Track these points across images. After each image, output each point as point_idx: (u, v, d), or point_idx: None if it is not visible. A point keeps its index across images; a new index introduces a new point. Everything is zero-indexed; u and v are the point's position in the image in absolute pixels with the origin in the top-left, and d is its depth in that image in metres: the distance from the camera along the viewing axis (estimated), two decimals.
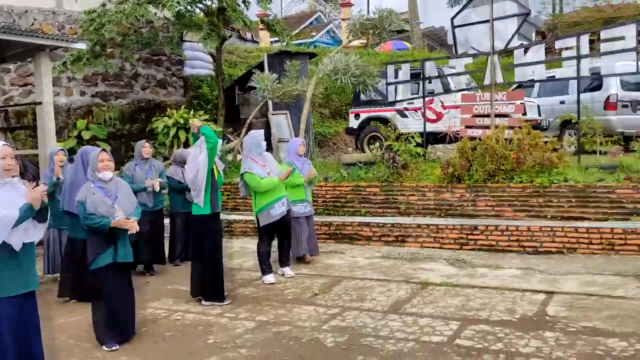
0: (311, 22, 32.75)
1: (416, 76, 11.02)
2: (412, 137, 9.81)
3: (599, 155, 9.48)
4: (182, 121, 12.27)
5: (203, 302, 6.02)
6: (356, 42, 19.37)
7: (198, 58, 15.56)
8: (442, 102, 11.65)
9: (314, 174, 7.60)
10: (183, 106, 13.72)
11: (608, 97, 11.63)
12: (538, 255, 7.33)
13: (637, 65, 8.61)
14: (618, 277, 6.15)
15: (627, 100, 11.74)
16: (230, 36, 15.51)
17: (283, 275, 6.98)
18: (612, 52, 8.79)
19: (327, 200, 9.49)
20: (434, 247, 8.00)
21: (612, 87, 11.65)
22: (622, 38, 8.66)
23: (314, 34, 30.07)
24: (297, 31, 28.03)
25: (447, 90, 10.91)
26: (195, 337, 5.03)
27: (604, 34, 9.01)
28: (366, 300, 5.87)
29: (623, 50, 8.66)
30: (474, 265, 7.06)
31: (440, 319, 5.13)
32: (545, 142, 8.86)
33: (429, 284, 6.32)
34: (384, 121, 11.89)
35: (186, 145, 11.60)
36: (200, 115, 12.72)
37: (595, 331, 4.63)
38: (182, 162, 7.61)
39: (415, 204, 8.82)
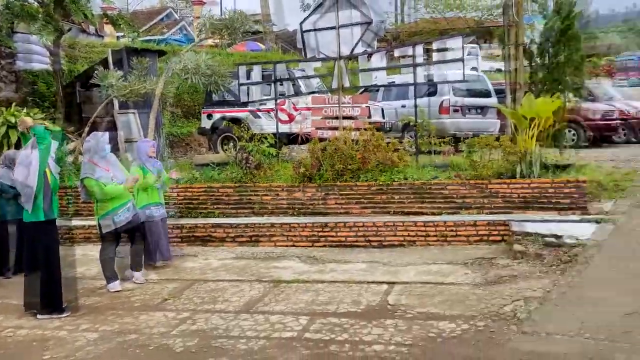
0: (162, 19, 31.60)
1: (269, 78, 11.16)
2: (265, 138, 9.91)
3: (434, 155, 10.35)
4: (13, 120, 11.13)
5: (38, 316, 5.53)
6: (210, 42, 19.09)
7: (33, 51, 14.19)
8: (293, 104, 11.93)
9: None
10: (14, 103, 12.45)
11: (442, 102, 12.78)
12: (382, 248, 7.81)
13: (464, 74, 9.57)
14: (450, 265, 6.78)
15: (459, 105, 13.00)
16: (69, 29, 14.37)
17: (133, 280, 6.66)
18: (443, 62, 9.65)
19: (179, 202, 9.23)
20: (287, 246, 8.16)
21: (446, 93, 12.82)
22: (451, 49, 9.55)
23: (165, 30, 29.05)
24: (146, 27, 26.84)
25: (297, 92, 11.19)
26: (30, 354, 4.61)
27: (436, 45, 9.87)
28: (218, 302, 5.81)
29: (453, 60, 9.55)
30: (324, 261, 7.32)
31: (290, 315, 5.25)
32: (388, 143, 9.47)
33: (282, 281, 6.43)
34: (238, 122, 11.87)
35: (18, 146, 10.54)
36: (35, 114, 11.63)
37: (429, 316, 5.06)
38: (12, 164, 6.91)
39: (268, 204, 8.93)
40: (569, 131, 13.51)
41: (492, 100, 13.29)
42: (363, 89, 12.34)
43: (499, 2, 20.18)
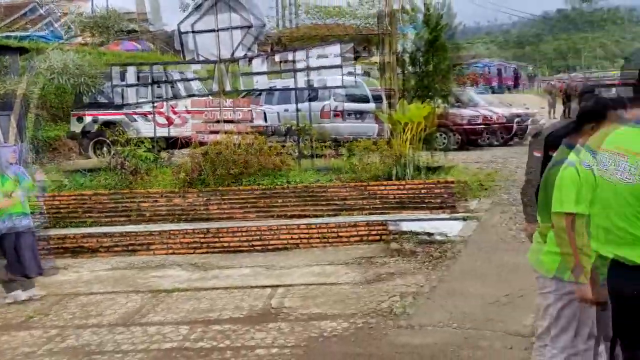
0: (25, 13, 29.10)
1: (145, 79, 10.72)
2: (142, 142, 9.51)
3: (316, 159, 10.55)
4: None
5: None
6: (80, 40, 17.94)
7: None
8: (172, 107, 11.55)
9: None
10: None
11: (323, 107, 13.05)
12: (266, 252, 7.80)
13: (342, 80, 9.87)
14: (331, 266, 6.93)
15: (339, 110, 13.35)
16: None
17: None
18: (322, 67, 9.88)
19: (47, 211, 8.54)
20: (167, 254, 7.87)
21: (326, 98, 13.11)
22: (330, 55, 9.81)
23: (29, 26, 26.78)
24: (6, 22, 24.58)
25: (176, 95, 10.87)
26: None
27: (316, 51, 10.08)
28: (91, 316, 5.46)
29: (331, 67, 9.82)
30: (206, 268, 7.16)
31: (170, 325, 5.07)
32: (271, 147, 9.51)
33: (161, 291, 6.19)
34: (112, 125, 11.26)
35: None
36: None
37: (311, 316, 5.14)
38: None
39: (147, 211, 8.56)
40: (440, 135, 14.43)
41: (370, 106, 13.82)
42: (245, 93, 12.28)
43: (374, 12, 21.15)
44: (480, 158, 12.89)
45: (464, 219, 7.80)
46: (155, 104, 10.57)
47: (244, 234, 7.95)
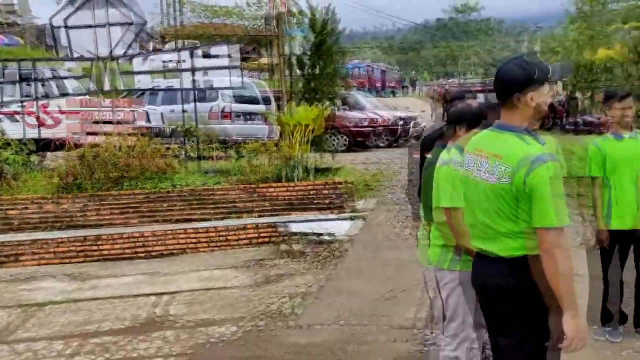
0: None
1: (12, 76, 9.84)
2: (9, 144, 8.72)
3: (204, 161, 10.31)
4: None
5: None
6: None
7: None
8: (44, 107, 10.71)
9: None
10: None
11: (211, 108, 12.78)
12: (151, 259, 7.47)
13: (230, 81, 9.73)
14: (220, 270, 6.78)
15: (228, 112, 13.15)
16: None
17: None
18: (209, 68, 9.67)
19: None
20: (39, 265, 7.25)
21: (215, 99, 12.85)
22: (217, 56, 9.62)
23: None
24: None
25: (48, 94, 10.09)
26: None
27: (202, 51, 9.84)
28: None
29: (218, 67, 9.64)
30: (84, 278, 6.70)
31: (43, 341, 4.69)
32: (155, 149, 9.13)
33: (32, 305, 5.69)
34: None
35: None
36: None
37: (198, 323, 4.99)
38: None
39: (15, 219, 7.87)
40: (329, 137, 14.72)
41: (260, 107, 13.76)
42: (126, 92, 11.70)
43: (262, 13, 21.08)
44: (366, 159, 13.32)
45: (351, 218, 8.00)
46: (25, 103, 9.73)
47: (125, 240, 7.55)
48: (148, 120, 12.22)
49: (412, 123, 17.56)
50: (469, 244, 2.90)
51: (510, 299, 2.30)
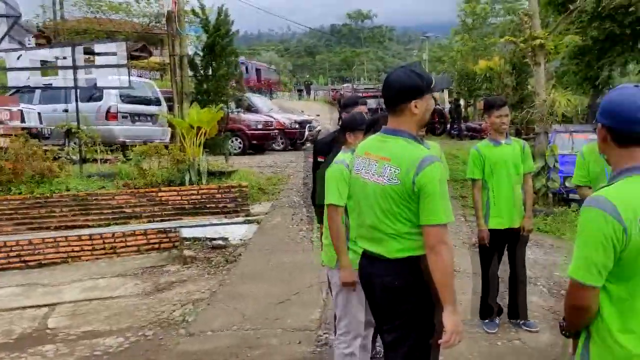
0: None
1: None
2: None
3: (101, 164, 9.71)
4: None
5: None
6: None
7: None
8: None
9: None
10: None
11: (109, 108, 11.99)
12: (42, 268, 6.94)
13: (129, 80, 9.21)
14: (119, 278, 6.42)
15: (127, 112, 12.42)
16: None
17: None
18: (103, 66, 9.07)
19: None
20: None
21: (112, 99, 12.06)
22: (113, 53, 9.05)
23: None
24: None
25: None
26: None
27: (98, 48, 9.24)
28: None
29: (105, 66, 9.09)
30: None
31: None
32: (47, 151, 8.48)
33: None
34: None
35: None
36: None
37: (95, 334, 4.70)
38: None
39: None
40: (224, 140, 14.45)
41: (150, 108, 13.20)
42: (14, 90, 10.76)
43: (151, 10, 20.28)
44: (262, 162, 13.26)
45: (245, 222, 7.91)
46: None
47: (13, 248, 6.99)
48: (40, 121, 11.31)
49: (307, 127, 17.76)
50: (343, 245, 3.01)
51: (396, 298, 2.37)
